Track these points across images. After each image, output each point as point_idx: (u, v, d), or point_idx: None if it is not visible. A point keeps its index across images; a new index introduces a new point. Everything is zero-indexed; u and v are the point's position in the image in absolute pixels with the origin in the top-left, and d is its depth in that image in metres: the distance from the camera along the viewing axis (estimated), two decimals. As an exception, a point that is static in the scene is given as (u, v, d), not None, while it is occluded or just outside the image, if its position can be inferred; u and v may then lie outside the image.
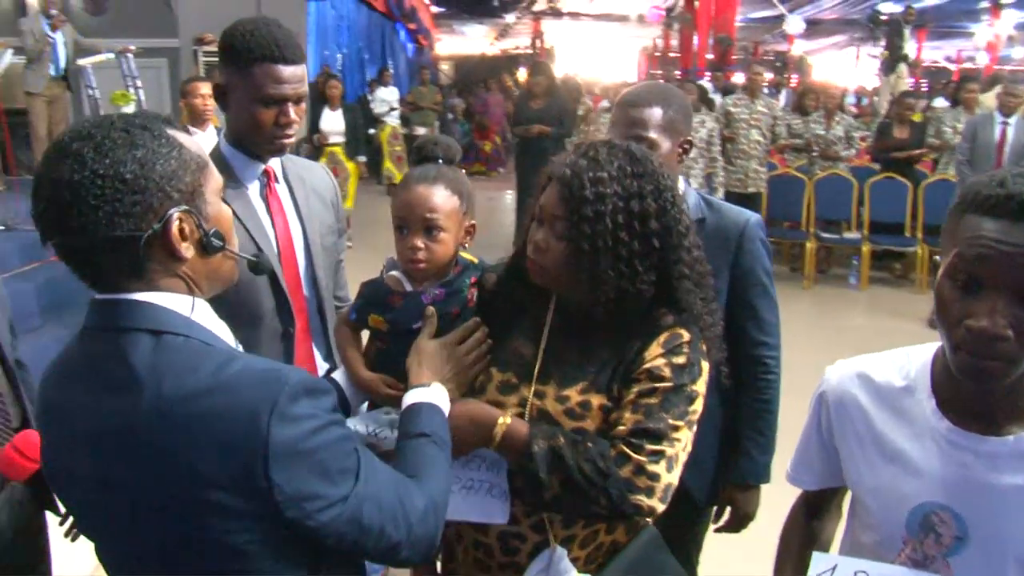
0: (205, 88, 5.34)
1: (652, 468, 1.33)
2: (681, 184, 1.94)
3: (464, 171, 1.72)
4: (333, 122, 8.20)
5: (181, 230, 1.11)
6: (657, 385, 1.37)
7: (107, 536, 1.18)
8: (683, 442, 1.38)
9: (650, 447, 1.34)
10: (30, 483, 1.82)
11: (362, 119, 8.81)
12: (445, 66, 21.19)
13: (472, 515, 1.47)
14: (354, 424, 1.53)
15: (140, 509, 1.09)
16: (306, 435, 1.07)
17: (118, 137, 1.08)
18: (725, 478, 2.08)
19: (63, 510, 1.83)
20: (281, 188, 2.06)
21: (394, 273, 1.65)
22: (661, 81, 2.18)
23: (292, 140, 1.97)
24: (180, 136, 1.14)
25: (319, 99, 8.17)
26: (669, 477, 1.35)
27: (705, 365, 1.44)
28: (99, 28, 8.76)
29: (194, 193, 1.13)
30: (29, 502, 1.91)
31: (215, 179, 1.18)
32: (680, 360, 1.39)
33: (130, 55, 7.39)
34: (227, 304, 1.81)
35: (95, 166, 1.05)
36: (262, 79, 1.84)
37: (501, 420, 1.39)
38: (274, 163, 2.03)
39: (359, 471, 1.14)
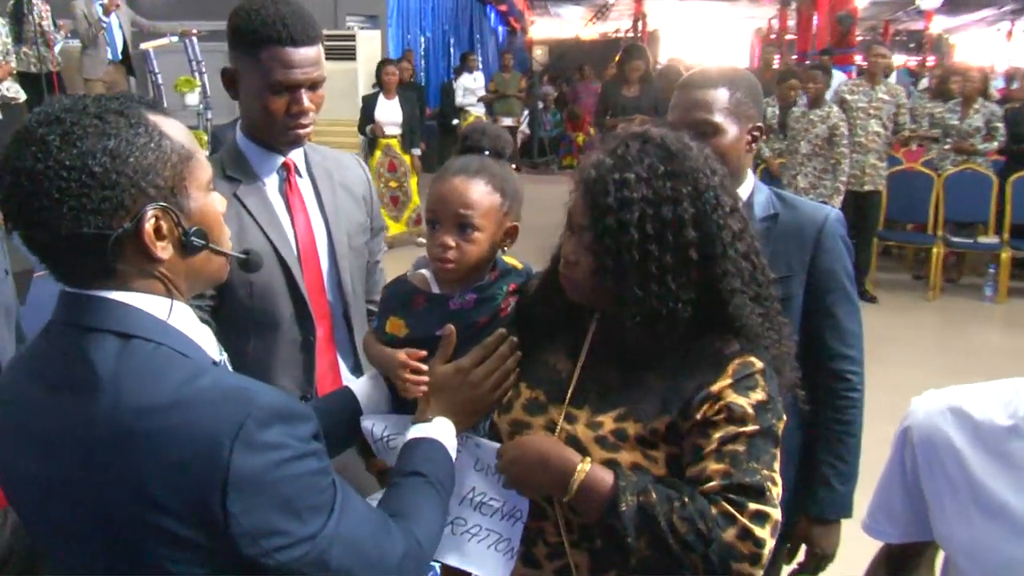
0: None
1: (759, 533, 1.25)
2: (750, 178, 1.92)
3: (515, 166, 1.65)
4: (389, 112, 8.08)
5: (157, 229, 1.07)
6: (741, 430, 1.29)
7: (46, 538, 1.14)
8: (778, 489, 1.30)
9: (753, 506, 1.26)
10: None
11: (417, 108, 8.66)
12: (539, 51, 20.91)
13: (468, 565, 1.45)
14: (371, 423, 1.52)
15: (83, 521, 1.06)
16: (272, 465, 1.03)
17: (89, 124, 1.03)
18: (801, 510, 1.98)
19: None
20: (303, 183, 1.99)
21: (422, 272, 1.59)
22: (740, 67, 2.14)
23: (309, 130, 1.88)
24: (163, 123, 1.09)
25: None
26: (771, 542, 1.27)
27: (778, 391, 1.37)
28: (163, 10, 8.92)
29: (174, 188, 1.08)
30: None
31: (202, 171, 1.13)
32: (760, 396, 1.31)
33: (194, 38, 7.46)
34: (241, 309, 1.88)
35: (61, 156, 1.01)
36: (271, 64, 1.77)
37: (581, 466, 1.32)
38: (296, 155, 1.96)
39: (333, 508, 1.10)
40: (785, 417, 1.35)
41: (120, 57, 7.69)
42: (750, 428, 1.29)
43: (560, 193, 1.46)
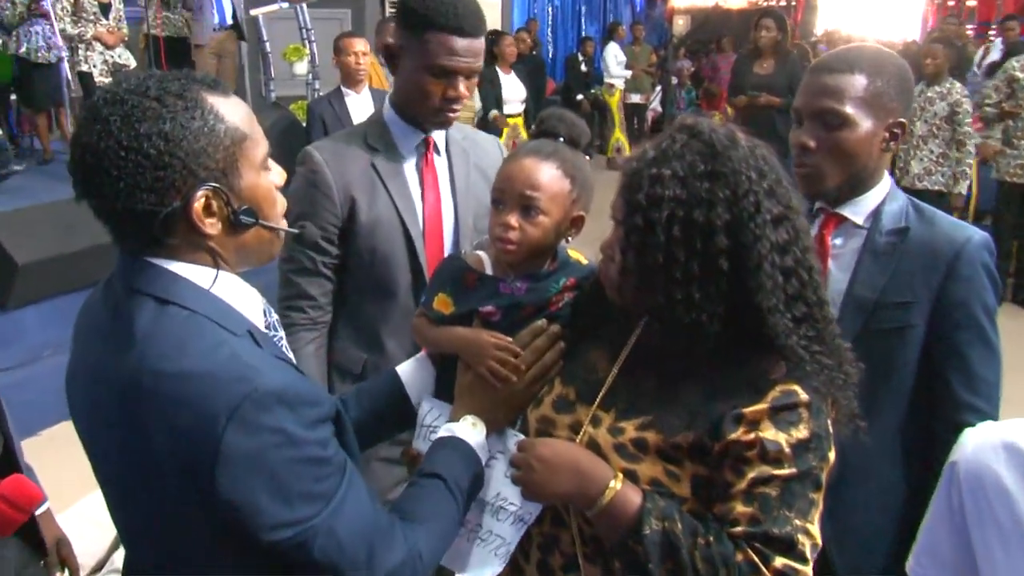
0: (360, 45, 5.41)
1: None
2: (884, 182, 1.83)
3: (589, 158, 1.60)
4: (511, 89, 8.16)
5: (207, 207, 1.20)
6: (776, 472, 1.26)
7: (95, 467, 1.32)
8: (812, 542, 1.28)
9: (780, 561, 1.24)
10: (21, 532, 1.87)
11: (534, 83, 8.64)
12: (680, 21, 20.61)
13: (463, 568, 1.49)
14: (429, 406, 1.60)
15: (112, 458, 1.25)
16: (265, 448, 1.14)
17: (149, 107, 1.16)
18: (902, 570, 1.83)
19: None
20: (440, 160, 2.23)
21: (479, 252, 1.66)
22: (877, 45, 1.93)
23: (457, 115, 2.12)
24: (221, 104, 1.22)
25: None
26: None
27: (830, 428, 1.31)
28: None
29: (226, 169, 1.21)
30: (19, 555, 1.95)
31: (256, 150, 1.25)
32: (801, 433, 1.27)
33: (304, 5, 7.65)
34: (362, 272, 2.18)
35: (120, 136, 1.14)
36: (436, 48, 1.97)
37: (613, 483, 1.32)
38: (438, 133, 2.20)
39: (331, 500, 1.20)
40: (833, 458, 1.31)
41: (229, 23, 8.00)
42: (785, 471, 1.26)
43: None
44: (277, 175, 1.31)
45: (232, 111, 1.23)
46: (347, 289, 2.22)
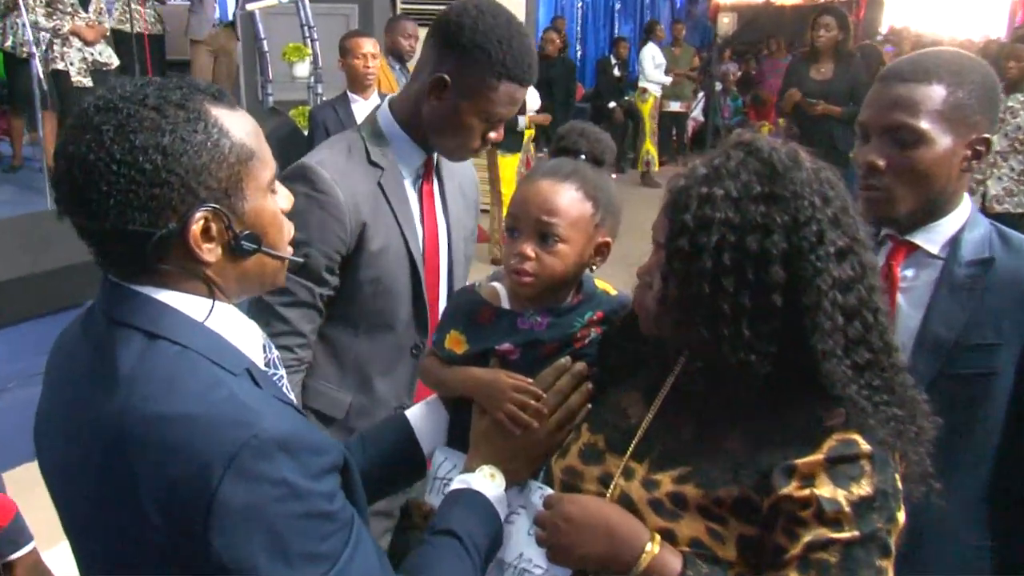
0: (369, 46, 5.40)
1: None
2: (964, 206, 1.80)
3: (615, 176, 1.62)
4: (529, 96, 8.11)
5: (206, 230, 1.20)
6: (835, 535, 1.23)
7: (64, 520, 1.30)
8: None
9: None
10: None
11: (563, 88, 8.62)
12: (726, 19, 20.65)
13: None
14: (443, 457, 1.61)
15: (88, 514, 1.23)
16: (266, 501, 1.11)
17: (146, 117, 1.15)
18: None
19: None
20: (434, 182, 2.28)
21: (494, 284, 1.67)
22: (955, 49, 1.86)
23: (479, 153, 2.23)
24: (226, 118, 1.21)
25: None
26: None
27: (898, 484, 1.28)
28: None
29: (229, 189, 1.21)
30: None
31: (263, 170, 1.26)
32: (863, 490, 1.25)
33: (307, 0, 7.67)
34: (360, 308, 2.17)
35: (113, 148, 1.14)
36: (502, 98, 2.03)
37: (651, 546, 1.31)
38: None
39: (337, 562, 1.17)
40: (903, 519, 1.28)
41: (230, 19, 8.13)
42: (846, 534, 1.23)
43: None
44: (284, 199, 1.32)
45: (239, 126, 1.23)
46: (333, 323, 2.20)
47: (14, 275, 5.01)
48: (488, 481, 1.48)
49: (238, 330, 1.29)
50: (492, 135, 2.09)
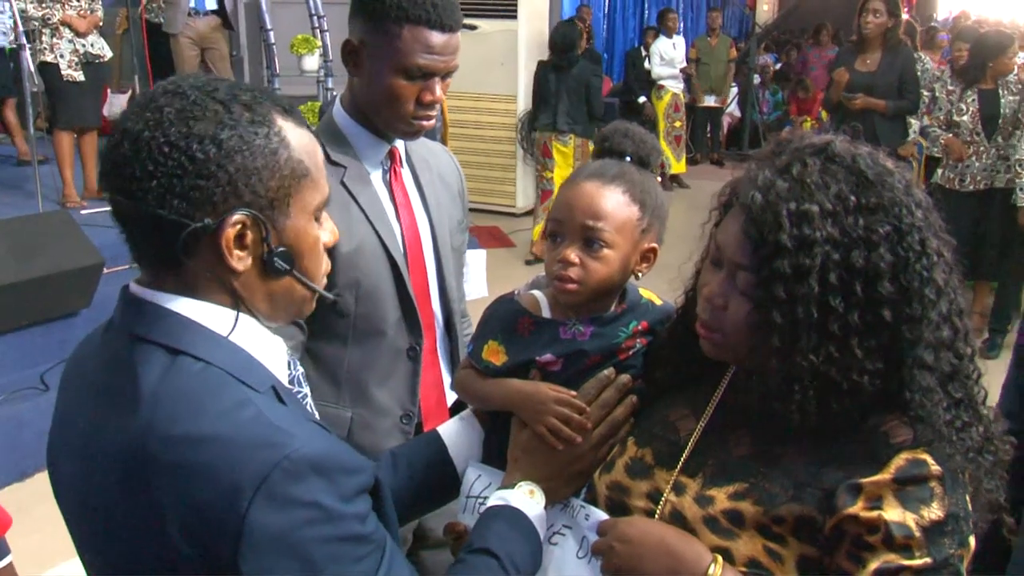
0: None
1: None
2: None
3: (660, 179, 1.70)
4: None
5: (241, 236, 1.21)
6: (906, 563, 1.23)
7: (78, 541, 1.32)
8: None
9: None
10: None
11: (590, 81, 8.61)
12: (765, 6, 20.63)
13: None
14: (476, 474, 1.62)
15: (107, 536, 1.23)
16: (298, 525, 1.13)
17: (211, 107, 1.19)
18: None
19: None
20: (406, 173, 2.29)
21: (534, 292, 1.69)
22: None
23: (432, 123, 2.15)
24: (291, 131, 1.25)
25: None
26: None
27: (969, 506, 1.29)
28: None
29: (274, 201, 1.23)
30: None
31: (314, 194, 1.28)
32: (934, 513, 1.24)
33: None
34: (343, 316, 2.17)
35: (169, 130, 1.17)
36: (410, 45, 2.00)
37: (712, 569, 1.31)
38: (398, 142, 2.24)
39: None
40: (973, 543, 1.28)
41: (209, 8, 8.03)
42: (918, 561, 1.23)
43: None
44: (329, 233, 1.34)
45: (301, 143, 1.26)
46: (319, 337, 2.21)
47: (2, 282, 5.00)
48: (528, 498, 1.49)
49: (263, 345, 1.30)
50: (427, 96, 2.06)
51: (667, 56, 11.83)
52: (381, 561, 1.21)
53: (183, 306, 1.24)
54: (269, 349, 1.32)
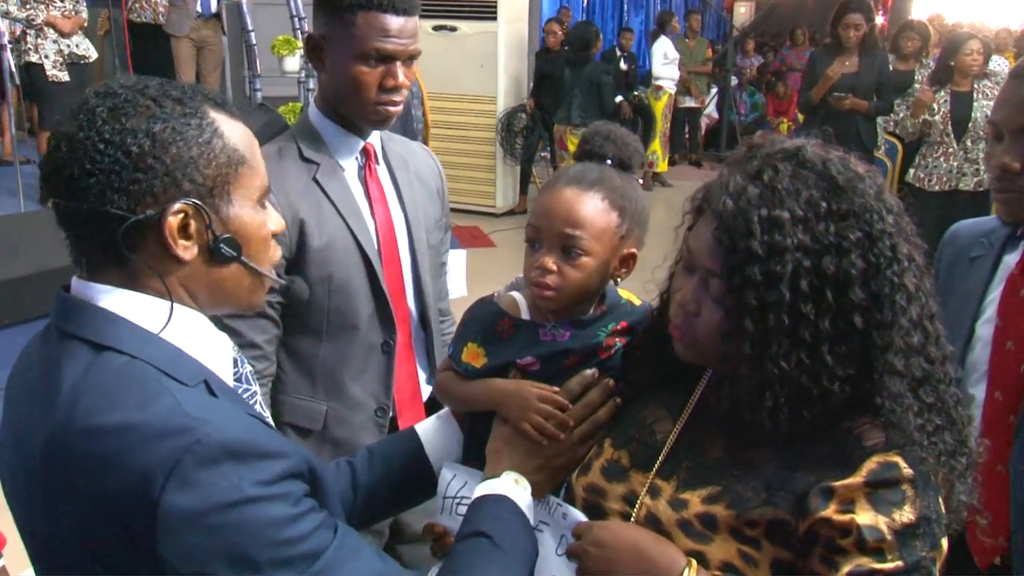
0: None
1: None
2: None
3: (642, 182, 1.69)
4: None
5: (185, 227, 1.23)
6: (878, 566, 1.23)
7: (22, 535, 1.31)
8: None
9: None
10: None
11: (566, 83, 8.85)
12: (742, 8, 20.68)
13: None
14: (452, 474, 1.61)
15: (43, 530, 1.23)
16: (215, 508, 1.12)
17: (142, 104, 1.22)
18: None
19: None
20: (381, 170, 2.30)
21: (513, 294, 1.68)
22: None
23: (399, 109, 2.14)
24: (224, 122, 1.27)
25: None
26: None
27: (942, 508, 1.30)
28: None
29: (214, 189, 1.25)
30: None
31: (254, 180, 1.30)
32: (906, 516, 1.25)
33: None
34: (316, 310, 2.19)
35: (103, 128, 1.19)
36: (366, 31, 2.02)
37: (687, 574, 1.31)
38: (374, 139, 2.26)
39: (316, 562, 1.17)
40: (946, 547, 1.29)
41: (212, 12, 8.12)
42: (890, 564, 1.23)
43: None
44: (275, 222, 1.35)
45: (235, 132, 1.28)
46: (293, 331, 2.23)
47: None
48: (515, 487, 1.48)
49: (201, 341, 1.31)
50: (389, 81, 2.07)
51: (670, 56, 11.94)
52: (330, 541, 1.20)
53: (116, 302, 1.25)
54: (209, 345, 1.32)
